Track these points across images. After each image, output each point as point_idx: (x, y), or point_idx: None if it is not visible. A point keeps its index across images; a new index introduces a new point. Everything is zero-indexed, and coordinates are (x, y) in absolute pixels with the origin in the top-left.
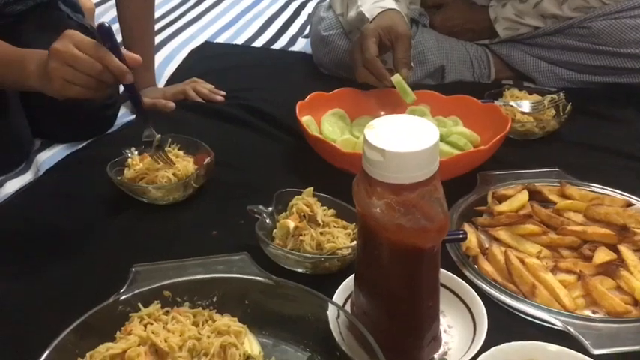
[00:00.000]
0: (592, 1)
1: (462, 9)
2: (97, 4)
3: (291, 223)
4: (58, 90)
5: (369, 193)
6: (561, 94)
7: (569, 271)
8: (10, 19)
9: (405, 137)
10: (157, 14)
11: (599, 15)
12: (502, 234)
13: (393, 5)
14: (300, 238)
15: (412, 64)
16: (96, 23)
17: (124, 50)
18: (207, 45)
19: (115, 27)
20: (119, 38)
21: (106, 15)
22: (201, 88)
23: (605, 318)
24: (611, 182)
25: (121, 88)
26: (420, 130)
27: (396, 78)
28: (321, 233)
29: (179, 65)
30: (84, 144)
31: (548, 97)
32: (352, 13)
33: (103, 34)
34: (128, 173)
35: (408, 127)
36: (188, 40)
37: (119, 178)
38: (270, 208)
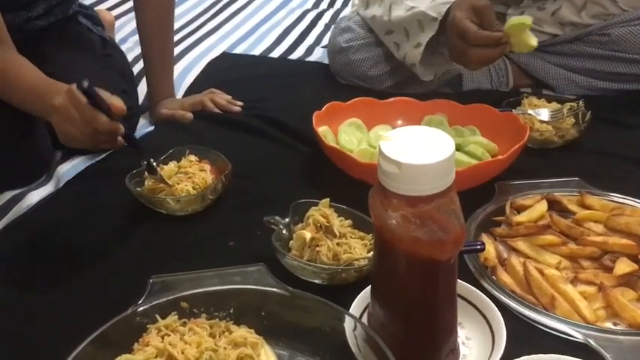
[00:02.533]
0: (611, 8)
1: None
2: (117, 17)
3: (308, 234)
4: (63, 141)
5: (385, 205)
6: (580, 102)
7: (589, 283)
8: (32, 34)
9: (421, 149)
10: (175, 25)
11: (619, 22)
12: (521, 245)
13: None
14: (317, 249)
15: None
16: (116, 36)
17: (109, 97)
18: (225, 55)
19: (135, 39)
20: (138, 50)
21: (126, 27)
22: (219, 99)
23: (627, 330)
24: (633, 192)
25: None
26: (436, 141)
27: (509, 23)
28: (338, 244)
29: (197, 76)
30: (103, 155)
31: (568, 105)
32: (399, 13)
33: (83, 93)
34: (147, 184)
35: (424, 139)
36: (206, 51)
37: (138, 189)
38: (287, 219)
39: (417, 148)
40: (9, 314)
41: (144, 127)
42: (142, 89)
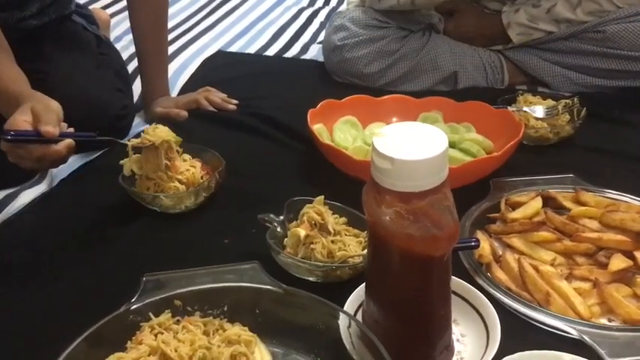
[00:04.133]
0: (606, 4)
1: (474, 15)
2: (112, 15)
3: (302, 232)
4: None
5: (378, 201)
6: (575, 99)
7: (584, 279)
8: (26, 33)
9: (414, 145)
10: (170, 24)
11: (614, 19)
12: (516, 241)
13: None
14: (312, 246)
15: None
16: (111, 34)
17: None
18: (220, 54)
19: (129, 37)
20: (133, 48)
21: (121, 25)
22: (214, 97)
23: (622, 326)
24: (627, 188)
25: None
26: (429, 137)
27: None
28: (333, 241)
29: (192, 74)
30: (97, 154)
31: (563, 102)
32: None
33: (11, 142)
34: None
35: (417, 135)
36: (201, 49)
37: (132, 188)
38: (282, 217)
39: (410, 144)
40: (1, 313)
41: (138, 125)
42: (137, 88)
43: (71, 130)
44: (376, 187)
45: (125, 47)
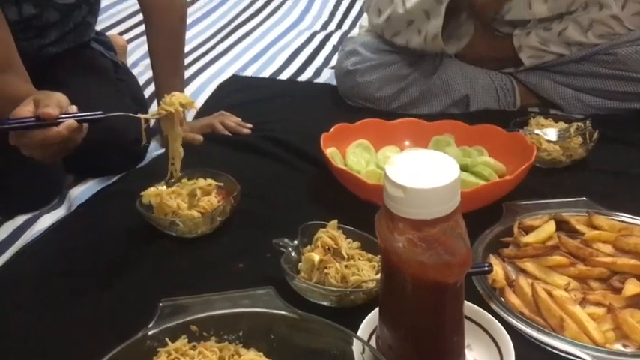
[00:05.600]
0: (617, 27)
1: (485, 38)
2: (129, 41)
3: (316, 257)
4: (48, 162)
5: (391, 228)
6: (587, 122)
7: (598, 304)
8: (46, 60)
9: (426, 173)
10: (186, 49)
11: (625, 42)
12: (529, 265)
13: None
14: (325, 271)
15: None
16: (128, 60)
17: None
18: (234, 78)
19: (146, 62)
20: (148, 74)
21: (138, 51)
22: (229, 122)
23: (636, 352)
24: (636, 211)
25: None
26: (441, 165)
27: None
28: (346, 266)
29: (208, 98)
30: (115, 178)
31: (575, 125)
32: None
33: (10, 130)
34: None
35: (429, 163)
36: (216, 74)
37: (149, 213)
38: (296, 241)
39: (422, 172)
40: (20, 338)
41: (154, 149)
42: None
43: (74, 109)
44: (389, 214)
45: (142, 72)
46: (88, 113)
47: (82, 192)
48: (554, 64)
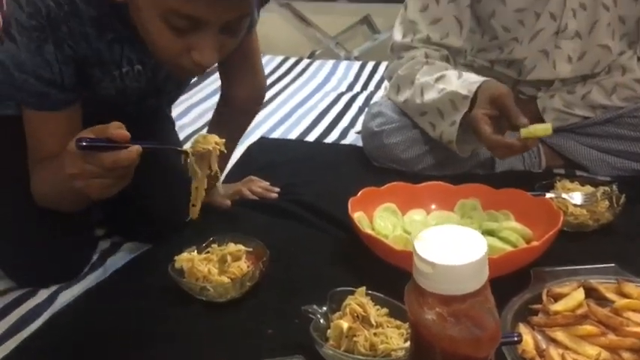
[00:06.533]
0: None
1: None
2: None
3: (345, 324)
4: (97, 197)
5: (421, 302)
6: (614, 185)
7: None
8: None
9: (454, 248)
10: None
11: None
12: (559, 335)
13: (482, 78)
14: (354, 339)
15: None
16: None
17: (106, 131)
18: (263, 140)
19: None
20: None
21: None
22: (256, 187)
23: None
24: None
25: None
26: (469, 241)
27: (523, 133)
28: (375, 334)
29: (237, 160)
30: (147, 248)
31: (601, 188)
32: (431, 96)
33: (85, 149)
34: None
35: (457, 238)
36: (245, 136)
37: (181, 278)
38: (325, 308)
39: (451, 247)
40: None
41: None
42: None
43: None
44: (418, 288)
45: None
46: (148, 142)
47: (115, 260)
48: (579, 126)
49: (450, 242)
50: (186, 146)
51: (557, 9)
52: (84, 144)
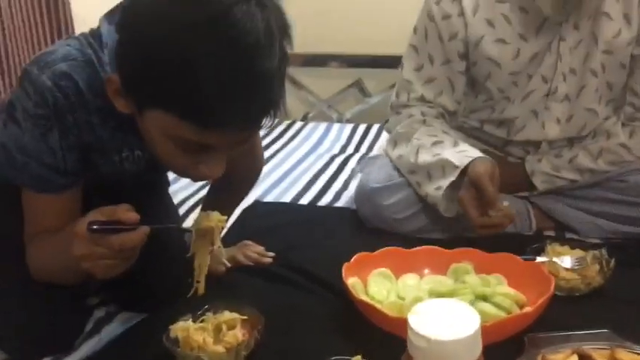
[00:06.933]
0: (626, 155)
1: (498, 163)
2: None
3: None
4: (102, 277)
5: None
6: (603, 250)
7: None
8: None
9: (448, 323)
10: None
11: (636, 169)
12: None
13: (478, 153)
14: None
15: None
16: None
17: (115, 213)
18: (257, 204)
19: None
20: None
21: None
22: (251, 253)
23: None
24: None
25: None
26: (462, 315)
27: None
28: None
29: (232, 224)
30: (142, 317)
31: (591, 252)
32: (426, 158)
33: (96, 232)
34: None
35: (450, 312)
36: None
37: (176, 347)
38: None
39: (445, 322)
40: None
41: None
42: None
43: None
44: None
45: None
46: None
47: (110, 330)
48: (568, 189)
49: (443, 316)
50: (189, 224)
51: (549, 72)
52: (95, 227)
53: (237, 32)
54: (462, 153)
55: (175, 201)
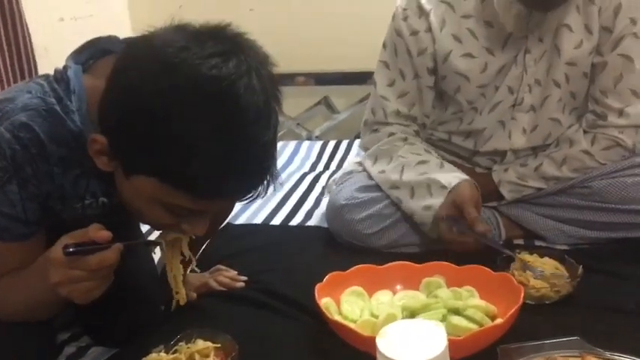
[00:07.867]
0: (589, 162)
1: (466, 174)
2: None
3: None
4: (82, 302)
5: None
6: (569, 258)
7: None
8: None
9: (415, 344)
10: None
11: (598, 175)
12: None
13: (463, 175)
14: None
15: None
16: None
17: (87, 234)
18: (229, 226)
19: None
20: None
21: None
22: (223, 278)
23: None
24: (628, 348)
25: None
26: (429, 335)
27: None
28: None
29: (204, 249)
30: (115, 350)
31: (559, 260)
32: (411, 176)
33: (72, 254)
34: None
35: (417, 333)
36: None
37: None
38: None
39: (412, 343)
40: None
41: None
42: None
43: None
44: None
45: None
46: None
47: None
48: (534, 197)
49: (411, 337)
50: (155, 237)
51: (515, 84)
52: (71, 249)
53: (240, 109)
54: (452, 174)
55: None
